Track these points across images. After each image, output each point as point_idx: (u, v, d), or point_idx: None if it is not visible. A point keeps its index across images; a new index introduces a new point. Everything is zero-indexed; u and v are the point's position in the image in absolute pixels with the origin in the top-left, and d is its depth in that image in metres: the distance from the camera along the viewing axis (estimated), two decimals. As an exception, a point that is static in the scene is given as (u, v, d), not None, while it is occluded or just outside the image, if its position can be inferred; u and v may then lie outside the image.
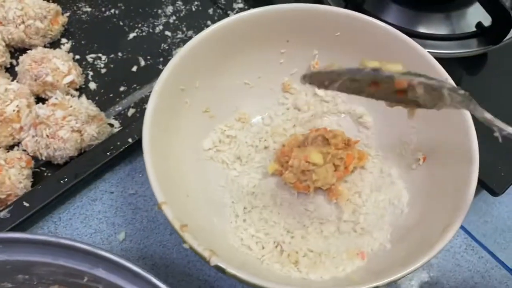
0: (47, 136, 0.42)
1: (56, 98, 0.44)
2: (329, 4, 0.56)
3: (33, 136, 0.43)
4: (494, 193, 0.45)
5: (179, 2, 0.56)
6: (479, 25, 0.54)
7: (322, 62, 0.45)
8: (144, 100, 0.49)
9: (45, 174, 0.45)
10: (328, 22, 0.42)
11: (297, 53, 0.45)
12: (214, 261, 0.30)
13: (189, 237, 0.31)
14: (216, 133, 0.44)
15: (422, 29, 0.56)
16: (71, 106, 0.43)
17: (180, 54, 0.39)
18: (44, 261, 0.32)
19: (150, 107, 0.36)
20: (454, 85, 0.38)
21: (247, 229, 0.40)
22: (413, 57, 0.40)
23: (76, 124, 0.43)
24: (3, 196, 0.41)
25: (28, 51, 0.49)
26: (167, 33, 0.54)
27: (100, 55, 0.52)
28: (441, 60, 0.39)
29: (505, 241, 0.51)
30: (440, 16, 0.58)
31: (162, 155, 0.37)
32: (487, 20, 0.54)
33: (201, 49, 0.40)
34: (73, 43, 0.53)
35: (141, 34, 0.54)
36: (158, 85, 0.37)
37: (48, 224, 0.43)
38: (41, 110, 0.43)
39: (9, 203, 0.41)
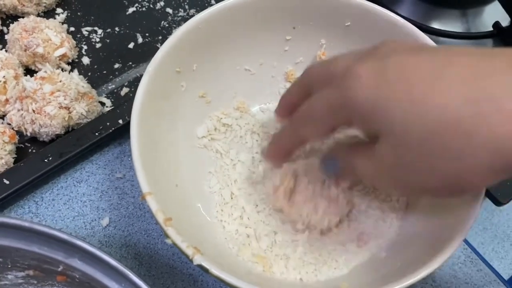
0: (33, 111, 0.40)
1: (45, 72, 0.41)
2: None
3: (18, 110, 0.41)
4: (498, 202, 0.43)
5: (183, -22, 0.53)
6: (496, 25, 0.52)
7: (329, 53, 0.42)
8: (139, 79, 0.45)
9: (30, 150, 0.42)
10: (339, 10, 0.39)
11: (304, 41, 0.42)
12: (197, 260, 0.28)
13: (173, 232, 0.29)
14: (211, 120, 0.41)
15: (436, 25, 0.54)
16: (60, 81, 0.41)
17: (178, 33, 0.36)
18: (17, 247, 0.30)
19: (141, 89, 0.34)
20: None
21: (232, 214, 0.38)
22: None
23: (64, 100, 0.40)
24: (-18, 172, 0.39)
25: (19, 19, 0.46)
26: (168, 10, 0.51)
27: (96, 28, 0.49)
28: (454, 59, 0.37)
29: (503, 250, 0.49)
30: (455, 12, 0.55)
31: (152, 141, 0.34)
32: (505, 20, 0.51)
33: (202, 30, 0.38)
34: (69, 14, 0.50)
35: (141, 9, 0.51)
36: (152, 66, 0.35)
37: (30, 204, 0.40)
38: (28, 83, 0.40)
39: (-12, 179, 0.39)
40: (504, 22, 0.51)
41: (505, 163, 0.22)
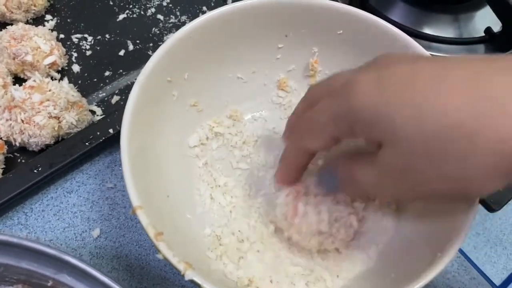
0: (22, 121, 0.39)
1: (34, 80, 0.41)
2: (336, -1, 0.54)
3: (7, 120, 0.40)
4: (491, 209, 0.43)
5: (175, -16, 0.53)
6: (488, 30, 0.52)
7: (322, 60, 0.42)
8: (130, 87, 0.45)
9: (19, 160, 0.42)
10: (331, 18, 0.39)
11: (296, 49, 0.42)
12: (189, 275, 0.28)
13: (164, 247, 0.28)
14: (203, 129, 0.41)
15: (428, 30, 0.54)
16: (50, 90, 0.40)
17: (169, 42, 0.36)
18: (5, 263, 0.29)
19: (131, 99, 0.34)
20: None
21: (223, 226, 0.37)
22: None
23: (54, 110, 0.40)
24: (-30, 183, 0.38)
25: (8, 27, 0.45)
26: (159, 16, 0.51)
27: (86, 35, 0.49)
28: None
29: (496, 254, 0.49)
30: (447, 18, 0.56)
31: (143, 152, 0.34)
32: (496, 26, 0.52)
33: (193, 38, 0.37)
34: (58, 21, 0.49)
35: (131, 16, 0.50)
36: (143, 75, 0.35)
37: (19, 215, 0.40)
38: (17, 92, 0.40)
39: (-24, 190, 0.38)
40: (496, 28, 0.51)
41: (510, 165, 0.22)
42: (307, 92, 0.32)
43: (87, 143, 0.41)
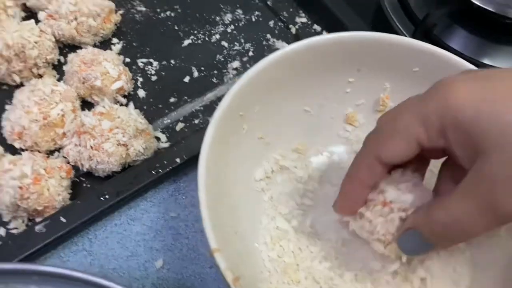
0: (91, 147, 0.40)
1: (103, 106, 0.41)
2: (398, 28, 0.53)
3: (76, 145, 0.41)
4: None
5: (239, 11, 0.52)
6: (551, 64, 0.50)
7: (393, 96, 0.41)
8: (194, 114, 0.46)
9: (85, 185, 0.42)
10: (408, 55, 0.38)
11: (367, 83, 0.41)
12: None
13: (243, 294, 0.28)
14: (269, 162, 0.40)
15: (487, 61, 0.52)
16: (118, 117, 0.41)
17: (243, 80, 0.36)
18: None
19: (208, 137, 0.33)
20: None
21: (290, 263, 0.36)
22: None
23: (122, 137, 0.40)
24: (40, 208, 0.38)
25: (78, 51, 0.46)
26: (224, 43, 0.50)
27: (151, 60, 0.49)
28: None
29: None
30: (508, 49, 0.54)
31: (215, 188, 0.34)
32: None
33: (266, 74, 0.37)
34: (124, 44, 0.50)
35: (196, 42, 0.50)
36: (219, 112, 0.34)
37: (83, 241, 0.40)
38: (87, 118, 0.40)
39: (45, 215, 0.39)
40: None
41: None
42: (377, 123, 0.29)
43: (153, 172, 0.41)
